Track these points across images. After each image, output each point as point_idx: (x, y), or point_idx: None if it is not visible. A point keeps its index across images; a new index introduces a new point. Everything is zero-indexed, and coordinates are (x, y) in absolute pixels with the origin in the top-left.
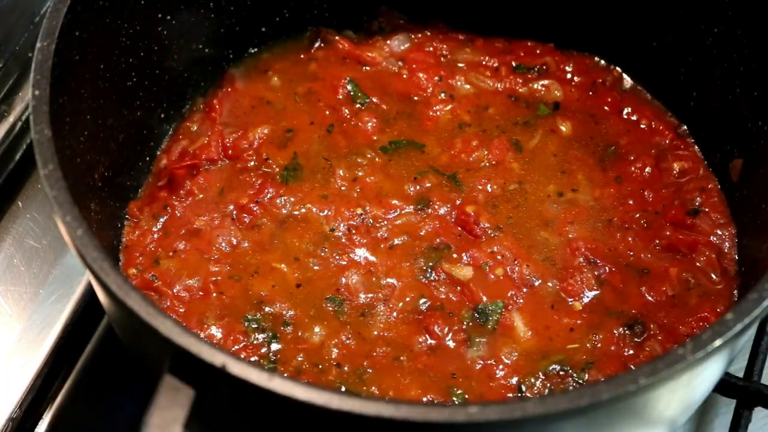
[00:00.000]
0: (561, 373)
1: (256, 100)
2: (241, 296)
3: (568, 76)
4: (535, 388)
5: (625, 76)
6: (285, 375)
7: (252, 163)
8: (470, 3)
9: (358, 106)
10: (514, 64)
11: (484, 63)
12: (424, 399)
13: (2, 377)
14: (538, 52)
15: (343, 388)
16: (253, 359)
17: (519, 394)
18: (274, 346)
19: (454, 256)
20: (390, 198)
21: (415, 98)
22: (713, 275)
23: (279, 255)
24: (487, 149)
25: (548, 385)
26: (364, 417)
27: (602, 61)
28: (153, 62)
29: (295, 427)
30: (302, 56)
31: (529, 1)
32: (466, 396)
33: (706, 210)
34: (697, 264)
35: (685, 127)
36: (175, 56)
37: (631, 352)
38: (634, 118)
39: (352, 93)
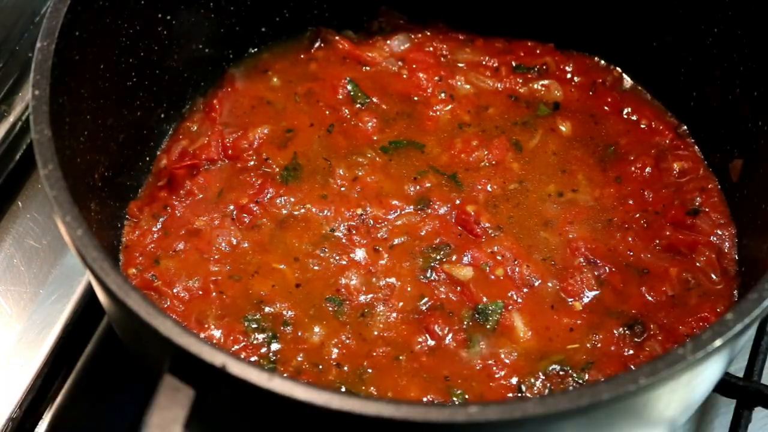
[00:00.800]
0: (561, 373)
1: (256, 100)
2: (241, 296)
3: (568, 76)
4: (535, 388)
5: (625, 76)
6: (285, 375)
7: (252, 163)
8: (470, 3)
9: (358, 106)
10: (514, 64)
11: (484, 63)
12: (424, 399)
13: (2, 377)
14: (538, 52)
15: (343, 388)
16: (253, 359)
17: (519, 394)
18: (274, 346)
19: (454, 256)
20: (390, 198)
21: (415, 98)
22: (713, 275)
23: (279, 255)
24: (487, 149)
25: (548, 385)
26: (364, 417)
27: (602, 61)
28: (153, 62)
29: (295, 427)
30: (302, 56)
31: (529, 1)
32: (466, 396)
33: (706, 210)
34: (697, 264)
35: (685, 127)
36: (175, 56)
37: (631, 352)
38: (634, 118)
39: (352, 93)
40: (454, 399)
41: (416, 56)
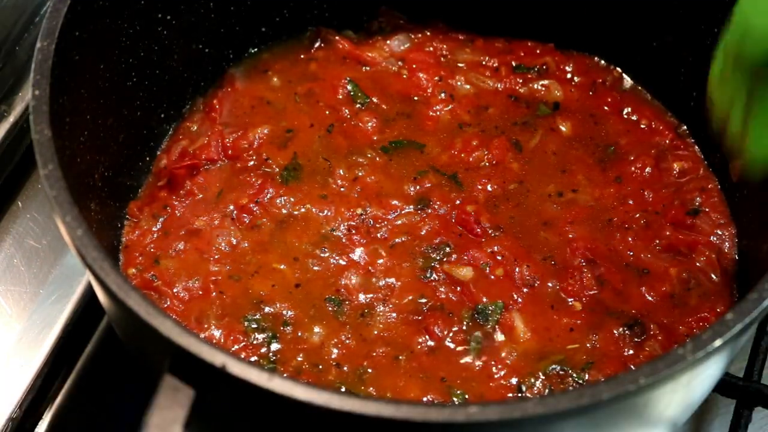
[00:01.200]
0: (561, 373)
1: (256, 100)
2: (241, 296)
3: (568, 76)
4: (535, 388)
5: (625, 76)
6: (285, 375)
7: (252, 163)
8: (470, 3)
9: (358, 106)
10: (514, 64)
11: (484, 63)
12: (424, 399)
13: (2, 377)
14: (538, 52)
15: (343, 388)
16: (253, 359)
17: (519, 394)
18: (274, 346)
19: (454, 256)
20: (390, 198)
21: (415, 98)
22: (713, 275)
23: (279, 255)
24: (487, 149)
25: (548, 385)
26: (364, 417)
27: (602, 61)
28: (153, 62)
29: (295, 427)
30: (302, 56)
31: (529, 1)
32: (466, 396)
33: (706, 210)
34: (697, 264)
35: (685, 127)
36: (175, 56)
37: (631, 352)
38: (634, 118)
39: (352, 93)
40: (454, 399)
41: (416, 56)
